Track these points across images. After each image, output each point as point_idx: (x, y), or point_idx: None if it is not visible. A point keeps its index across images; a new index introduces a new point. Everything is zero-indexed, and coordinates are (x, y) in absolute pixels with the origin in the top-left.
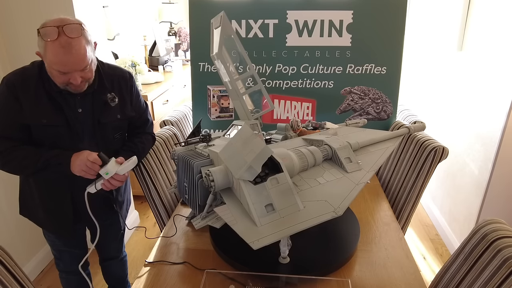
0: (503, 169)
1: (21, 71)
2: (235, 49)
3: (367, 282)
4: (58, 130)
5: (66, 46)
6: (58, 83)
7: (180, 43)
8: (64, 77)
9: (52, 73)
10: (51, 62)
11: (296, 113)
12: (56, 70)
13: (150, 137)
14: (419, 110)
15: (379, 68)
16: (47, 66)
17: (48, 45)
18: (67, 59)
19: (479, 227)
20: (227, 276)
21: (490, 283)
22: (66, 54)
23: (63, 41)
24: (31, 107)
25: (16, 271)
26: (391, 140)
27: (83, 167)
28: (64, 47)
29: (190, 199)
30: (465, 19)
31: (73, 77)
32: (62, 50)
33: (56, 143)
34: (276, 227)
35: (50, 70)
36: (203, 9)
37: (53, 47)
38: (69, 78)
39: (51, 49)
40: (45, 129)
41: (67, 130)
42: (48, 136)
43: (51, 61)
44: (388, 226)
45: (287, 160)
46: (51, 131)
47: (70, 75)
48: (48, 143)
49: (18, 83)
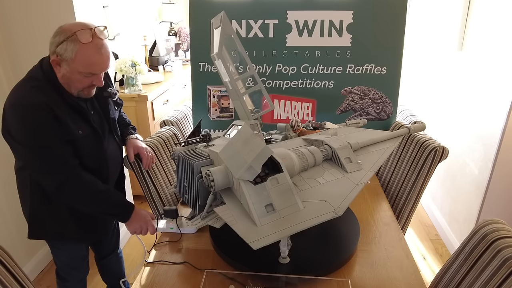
0: (503, 169)
1: (36, 89)
2: (235, 49)
3: (367, 282)
4: (90, 139)
5: (100, 47)
6: (77, 88)
7: (180, 43)
8: (88, 80)
9: (75, 78)
10: (84, 65)
11: (296, 113)
12: (87, 72)
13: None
14: (419, 110)
15: (379, 68)
16: (72, 70)
17: (83, 48)
18: (101, 60)
19: (479, 227)
20: (227, 276)
21: (490, 283)
22: (101, 56)
23: (97, 42)
24: (67, 121)
25: (16, 271)
26: (391, 140)
27: (139, 229)
28: (100, 49)
29: (190, 199)
30: (465, 19)
31: (98, 79)
32: (97, 52)
33: (90, 153)
34: (276, 227)
35: (74, 75)
36: (203, 9)
37: (88, 49)
38: (92, 80)
39: (86, 51)
40: (81, 141)
41: (95, 136)
42: (84, 148)
43: (83, 64)
44: (388, 226)
45: (287, 160)
46: (86, 142)
47: (94, 77)
48: (86, 155)
49: (49, 101)
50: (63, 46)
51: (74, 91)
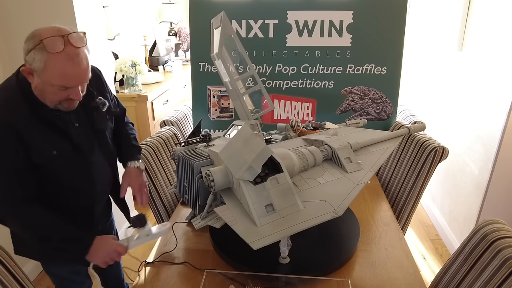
0: (503, 169)
1: (3, 103)
2: (235, 49)
3: (367, 282)
4: (69, 157)
5: (74, 57)
6: (52, 101)
7: (180, 43)
8: (63, 93)
9: (48, 90)
10: (54, 77)
11: (296, 113)
12: (59, 85)
13: (131, 125)
14: (419, 110)
15: (379, 68)
16: (44, 82)
17: (52, 58)
18: (74, 72)
19: (479, 227)
20: (227, 276)
21: (490, 283)
22: (74, 67)
23: (70, 52)
24: (38, 142)
25: (16, 271)
26: (391, 140)
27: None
28: (72, 59)
29: (190, 199)
30: (465, 19)
31: (75, 92)
32: (70, 63)
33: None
34: (276, 227)
35: (46, 87)
36: (203, 9)
37: (58, 60)
38: (69, 93)
39: (56, 62)
40: (57, 161)
41: (76, 152)
42: (61, 168)
43: (53, 76)
44: (388, 226)
45: (287, 160)
46: (63, 161)
47: (71, 90)
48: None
49: (14, 120)
50: (31, 55)
51: (50, 103)
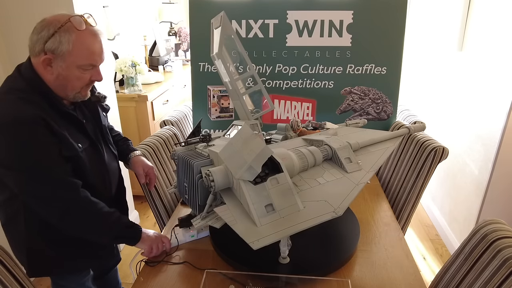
0: (503, 169)
1: (23, 101)
2: (235, 49)
3: (367, 282)
4: (89, 151)
5: (96, 34)
6: (73, 89)
7: (180, 43)
8: (87, 76)
9: (73, 75)
10: (82, 56)
11: (296, 113)
12: (88, 64)
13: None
14: (419, 110)
15: (379, 68)
16: (70, 66)
17: (80, 36)
18: (100, 48)
19: (479, 227)
20: (227, 276)
21: (490, 283)
22: (99, 43)
23: (92, 29)
24: (65, 135)
25: (16, 271)
26: (391, 140)
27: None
28: (95, 36)
29: (190, 199)
30: (465, 19)
31: (97, 72)
32: (96, 39)
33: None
34: (276, 227)
35: (71, 71)
36: (203, 9)
37: (85, 37)
38: (91, 75)
39: (84, 39)
40: (80, 155)
41: (93, 148)
42: (85, 163)
43: (82, 54)
44: (388, 226)
45: (287, 160)
46: (86, 156)
47: (94, 71)
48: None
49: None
50: (54, 40)
51: (71, 93)
